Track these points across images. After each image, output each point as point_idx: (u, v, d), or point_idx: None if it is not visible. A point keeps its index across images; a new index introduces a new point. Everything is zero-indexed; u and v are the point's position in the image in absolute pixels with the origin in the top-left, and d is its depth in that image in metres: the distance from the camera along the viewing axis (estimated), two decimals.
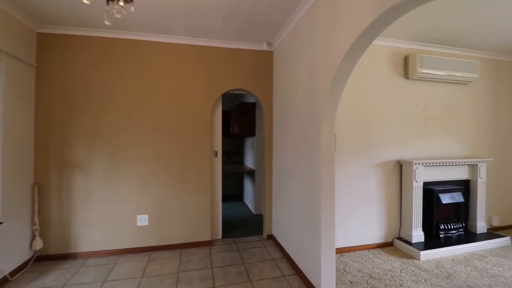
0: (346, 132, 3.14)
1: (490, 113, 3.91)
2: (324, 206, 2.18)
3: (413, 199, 3.21)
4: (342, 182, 3.12)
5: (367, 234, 3.24)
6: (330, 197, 2.20)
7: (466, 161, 3.46)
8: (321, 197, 2.18)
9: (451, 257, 3.02)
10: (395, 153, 3.37)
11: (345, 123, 3.14)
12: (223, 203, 5.23)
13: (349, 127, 3.16)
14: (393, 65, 3.37)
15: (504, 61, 3.97)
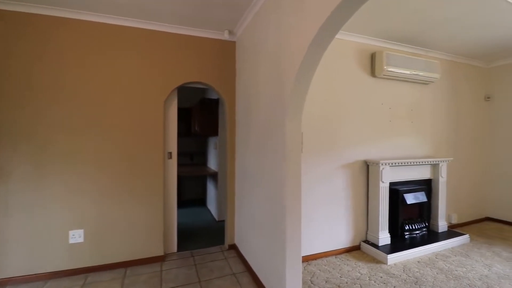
0: (311, 131, 2.92)
1: (449, 113, 4.00)
2: (289, 214, 1.91)
3: (380, 200, 3.10)
4: (308, 185, 2.90)
5: (334, 238, 3.06)
6: (296, 204, 1.93)
7: (429, 161, 3.46)
8: (286, 203, 1.90)
9: (417, 259, 2.95)
10: (362, 153, 3.24)
11: (311, 122, 2.92)
12: (183, 209, 4.84)
13: (314, 126, 2.95)
14: (360, 62, 3.25)
15: (461, 63, 4.10)
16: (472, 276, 2.58)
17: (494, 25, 2.90)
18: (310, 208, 2.91)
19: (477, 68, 4.31)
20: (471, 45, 3.52)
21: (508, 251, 3.15)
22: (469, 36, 3.22)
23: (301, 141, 2.03)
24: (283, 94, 1.97)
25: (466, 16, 2.70)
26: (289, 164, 1.91)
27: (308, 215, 2.89)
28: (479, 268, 2.73)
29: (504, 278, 2.54)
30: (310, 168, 2.91)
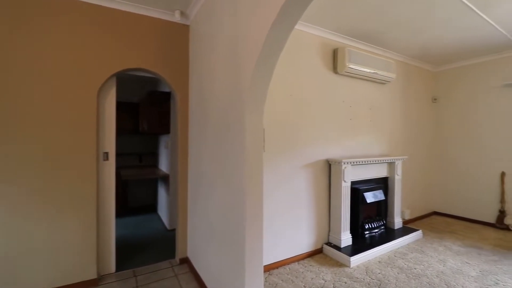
0: (274, 128, 2.68)
1: (402, 113, 4.13)
2: (250, 221, 1.61)
3: (342, 200, 3.00)
4: (270, 187, 2.65)
5: (297, 243, 2.86)
6: (257, 209, 1.65)
7: (387, 159, 3.49)
8: (246, 210, 1.61)
9: (378, 259, 2.91)
10: (324, 152, 3.11)
11: (272, 119, 2.68)
12: (130, 219, 4.21)
13: (276, 123, 2.71)
14: (323, 57, 3.12)
15: (413, 65, 4.27)
16: (430, 274, 2.59)
17: (443, 28, 2.99)
18: (271, 212, 2.66)
19: (426, 71, 4.55)
20: (422, 48, 3.66)
21: (457, 245, 3.30)
22: (421, 39, 3.31)
23: (263, 138, 1.75)
24: (242, 84, 1.67)
25: (419, 17, 2.72)
26: (249, 164, 1.61)
27: (269, 219, 2.64)
28: (435, 264, 2.77)
29: (458, 273, 2.60)
30: (271, 168, 2.66)
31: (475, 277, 2.52)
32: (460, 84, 4.38)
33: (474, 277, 2.51)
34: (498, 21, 2.84)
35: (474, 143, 4.21)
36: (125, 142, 4.77)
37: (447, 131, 4.55)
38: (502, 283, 2.40)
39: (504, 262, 2.82)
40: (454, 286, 2.37)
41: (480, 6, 2.54)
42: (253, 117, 1.64)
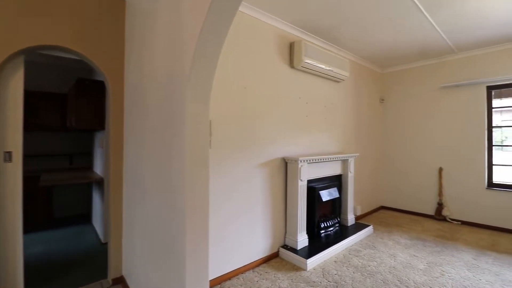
0: (226, 124, 2.41)
1: (354, 112, 4.22)
2: (191, 233, 1.32)
3: (299, 200, 2.87)
4: (220, 189, 2.37)
5: (252, 249, 2.63)
6: (201, 218, 1.36)
7: (341, 157, 3.48)
8: (187, 220, 1.31)
9: (334, 258, 2.84)
10: (280, 150, 2.95)
11: (224, 114, 2.41)
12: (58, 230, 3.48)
13: (229, 118, 2.44)
14: (280, 50, 2.95)
15: (364, 66, 4.40)
16: (383, 270, 2.59)
17: (390, 28, 3.07)
18: (225, 217, 2.38)
19: (376, 72, 4.75)
20: (371, 49, 3.75)
21: (404, 238, 3.44)
22: (370, 39, 3.37)
23: (210, 132, 1.47)
24: (183, 69, 1.36)
25: (369, 16, 2.73)
26: (190, 163, 1.31)
27: (222, 226, 2.36)
28: (387, 260, 2.80)
29: (408, 267, 2.65)
30: (226, 169, 2.38)
31: (423, 270, 2.59)
32: (403, 85, 4.66)
33: (422, 270, 2.58)
34: (441, 25, 3.00)
35: (416, 141, 4.51)
36: (50, 140, 4.01)
37: (393, 130, 4.82)
38: (447, 274, 2.50)
39: (446, 252, 2.98)
40: (406, 281, 2.39)
41: (426, 6, 2.62)
42: (196, 107, 1.35)
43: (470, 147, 3.92)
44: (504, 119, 4.38)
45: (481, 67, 3.81)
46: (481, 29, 3.09)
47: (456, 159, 4.06)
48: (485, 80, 3.76)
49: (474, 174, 3.89)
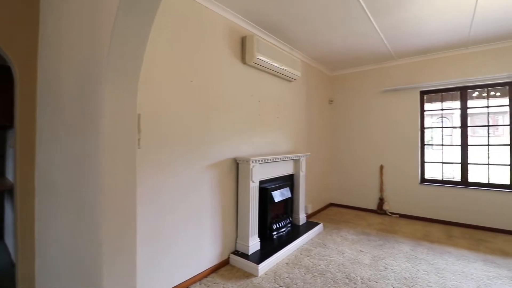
0: (168, 121, 2.14)
1: (305, 112, 4.27)
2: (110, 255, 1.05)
3: (250, 202, 2.73)
4: (162, 195, 2.09)
5: (199, 259, 2.41)
6: (128, 235, 1.11)
7: (293, 156, 3.46)
8: (103, 235, 1.04)
9: (286, 260, 2.78)
10: (231, 150, 2.77)
11: (165, 109, 2.14)
12: None
13: (172, 114, 2.18)
14: (231, 44, 2.77)
15: (314, 67, 4.49)
16: (333, 268, 2.61)
17: (338, 30, 3.14)
18: (168, 228, 2.11)
19: (325, 74, 4.90)
20: (322, 51, 3.83)
21: (351, 233, 3.57)
22: (321, 41, 3.42)
23: (138, 128, 1.22)
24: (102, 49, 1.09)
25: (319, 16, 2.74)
26: (110, 165, 1.05)
27: (164, 237, 2.08)
28: (336, 257, 2.84)
29: (355, 263, 2.72)
30: (167, 172, 2.11)
31: (368, 264, 2.68)
32: (349, 88, 4.90)
33: (368, 265, 2.67)
34: (384, 31, 3.17)
35: (360, 141, 4.78)
36: None
37: (340, 130, 5.04)
38: (390, 267, 2.63)
39: (387, 245, 3.17)
40: (353, 278, 2.43)
41: (373, 12, 2.72)
42: (117, 97, 1.09)
43: (406, 146, 4.29)
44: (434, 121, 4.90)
45: (415, 73, 4.19)
46: (417, 37, 3.36)
47: (394, 158, 4.40)
48: (418, 85, 4.14)
49: (409, 171, 4.26)
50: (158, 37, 2.03)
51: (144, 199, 1.89)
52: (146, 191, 1.92)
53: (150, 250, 1.96)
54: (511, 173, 3.57)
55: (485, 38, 3.39)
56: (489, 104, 3.79)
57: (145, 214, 1.91)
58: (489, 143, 3.78)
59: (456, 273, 2.49)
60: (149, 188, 1.94)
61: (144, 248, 1.91)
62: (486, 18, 2.85)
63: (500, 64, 3.52)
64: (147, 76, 1.93)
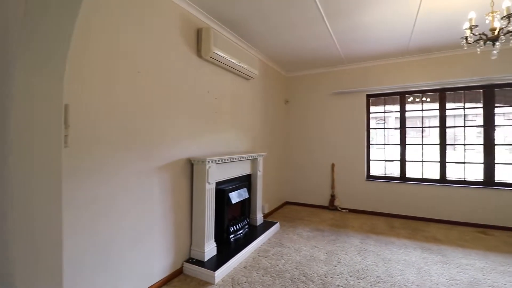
0: (110, 116, 1.86)
1: (262, 111, 4.25)
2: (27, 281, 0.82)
3: (206, 205, 2.57)
4: (99, 202, 1.81)
5: (148, 271, 2.16)
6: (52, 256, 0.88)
7: (251, 156, 3.39)
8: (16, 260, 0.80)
9: (243, 264, 2.69)
10: (185, 150, 2.57)
11: (106, 101, 1.85)
12: None
13: (116, 108, 1.90)
14: (185, 35, 2.56)
15: (271, 67, 4.49)
16: (290, 267, 2.60)
17: (295, 33, 3.18)
18: (110, 239, 1.82)
19: (281, 74, 4.96)
20: (279, 51, 3.84)
21: (306, 230, 3.65)
22: (278, 40, 3.42)
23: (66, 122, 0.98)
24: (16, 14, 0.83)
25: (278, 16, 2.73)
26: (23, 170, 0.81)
27: (107, 249, 1.80)
28: (293, 256, 2.86)
29: (311, 260, 2.76)
30: (107, 175, 1.83)
31: (324, 260, 2.75)
32: (304, 89, 5.05)
33: (323, 261, 2.73)
34: (337, 35, 3.30)
35: (314, 141, 4.96)
36: None
37: (295, 130, 5.16)
38: (343, 261, 2.73)
39: (340, 240, 3.31)
40: (310, 275, 2.46)
41: (329, 15, 2.79)
42: (35, 80, 0.85)
43: (355, 145, 4.58)
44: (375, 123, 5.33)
45: (363, 78, 4.50)
46: (365, 43, 3.59)
47: (344, 156, 4.67)
48: (365, 89, 4.45)
49: (357, 169, 4.56)
50: (99, 18, 1.74)
51: (74, 206, 1.60)
52: (77, 197, 1.62)
53: (83, 267, 1.67)
54: (440, 169, 4.07)
55: (421, 49, 3.80)
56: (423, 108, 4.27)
57: (76, 225, 1.62)
58: (423, 143, 4.26)
59: (400, 262, 2.71)
60: (81, 193, 1.65)
61: (75, 265, 1.62)
62: (423, 32, 3.17)
63: (432, 73, 3.98)
64: (83, 62, 1.63)
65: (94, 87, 1.72)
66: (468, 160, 3.98)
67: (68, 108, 1.09)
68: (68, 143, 1.32)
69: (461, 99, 4.05)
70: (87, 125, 1.66)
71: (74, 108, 1.50)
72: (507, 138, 4.39)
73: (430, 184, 4.05)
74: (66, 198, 1.40)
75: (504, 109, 3.93)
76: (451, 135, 4.61)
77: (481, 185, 3.79)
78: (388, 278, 2.40)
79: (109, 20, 1.83)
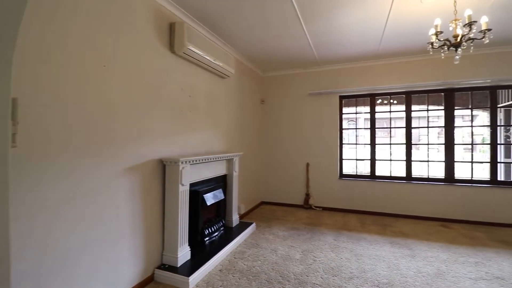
0: (70, 113, 1.69)
1: (238, 110, 4.19)
2: None
3: (179, 208, 2.45)
4: (54, 209, 1.64)
5: (114, 281, 2.00)
6: None
7: (226, 156, 3.32)
8: None
9: (219, 267, 2.61)
10: (157, 150, 2.43)
11: (68, 96, 1.69)
12: None
13: (76, 104, 1.74)
14: (158, 30, 2.43)
15: (247, 66, 4.45)
16: (267, 268, 2.58)
17: (272, 33, 3.17)
18: (67, 248, 1.66)
19: (257, 74, 4.93)
20: (255, 50, 3.81)
21: (282, 230, 3.66)
22: (255, 39, 3.39)
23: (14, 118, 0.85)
24: None
25: (255, 14, 2.69)
26: None
27: (66, 260, 1.63)
28: (269, 256, 2.84)
29: (287, 259, 2.76)
30: (69, 178, 1.66)
31: (299, 259, 2.76)
32: (280, 90, 5.07)
33: (299, 260, 2.75)
34: (312, 37, 3.34)
35: (290, 140, 5.00)
36: None
37: (271, 130, 5.17)
38: (318, 259, 2.77)
39: (315, 238, 3.36)
40: (286, 275, 2.45)
41: (305, 17, 2.81)
42: None
43: (329, 145, 4.69)
44: (346, 123, 5.52)
45: (336, 79, 4.62)
46: (338, 46, 3.68)
47: (318, 156, 4.76)
48: (338, 90, 4.58)
49: (331, 168, 4.68)
50: (54, 4, 1.57)
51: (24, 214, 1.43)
52: (26, 203, 1.45)
53: (37, 279, 1.50)
54: (406, 167, 4.30)
55: (390, 53, 3.98)
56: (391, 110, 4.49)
57: (27, 233, 1.45)
58: (391, 143, 4.48)
59: (371, 257, 2.81)
60: (32, 198, 1.47)
61: (27, 277, 1.44)
62: (392, 37, 3.32)
63: (400, 76, 4.20)
64: (36, 50, 1.46)
65: (50, 80, 1.55)
66: (431, 159, 4.26)
67: (17, 102, 0.94)
68: (17, 142, 1.15)
69: (425, 102, 4.31)
70: (40, 122, 1.49)
71: (25, 103, 1.33)
72: (465, 138, 4.77)
73: (398, 182, 4.27)
74: (14, 203, 1.24)
75: (462, 112, 4.26)
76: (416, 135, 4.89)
77: (442, 182, 4.07)
78: (361, 273, 2.47)
79: (66, 8, 1.66)
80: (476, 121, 9.06)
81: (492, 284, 2.29)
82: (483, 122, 8.11)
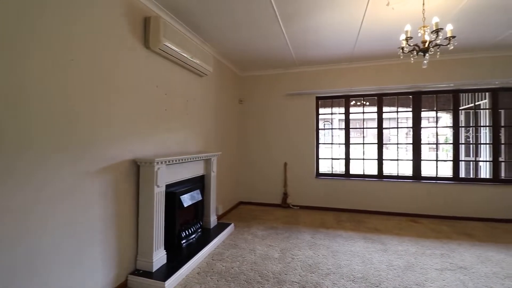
0: (31, 109, 1.56)
1: (216, 110, 4.13)
2: None
3: (155, 211, 2.36)
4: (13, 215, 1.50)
5: None
6: None
7: (204, 156, 3.25)
8: None
9: (197, 270, 2.55)
10: (130, 149, 2.32)
11: (30, 92, 1.55)
12: None
13: (39, 100, 1.60)
14: (131, 24, 2.32)
15: (226, 65, 4.40)
16: (246, 268, 2.56)
17: (251, 31, 3.16)
18: (29, 257, 1.52)
19: (235, 73, 4.90)
20: (233, 48, 3.77)
21: (261, 229, 3.66)
22: (234, 38, 3.36)
23: None
24: None
25: (234, 12, 2.66)
26: None
27: (28, 270, 1.49)
28: (248, 256, 2.82)
29: (266, 259, 2.77)
30: (33, 180, 1.52)
31: (278, 258, 2.78)
32: (258, 90, 5.08)
33: (277, 259, 2.76)
34: (290, 37, 3.38)
35: (268, 140, 5.03)
36: None
37: (249, 130, 5.16)
38: (296, 257, 2.80)
39: (293, 236, 3.40)
40: (265, 274, 2.45)
41: (283, 17, 2.83)
42: None
43: (306, 145, 4.78)
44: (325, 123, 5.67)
45: (313, 80, 4.71)
46: (316, 47, 3.76)
47: (296, 155, 4.84)
48: (315, 91, 4.68)
49: (307, 167, 4.77)
50: None
51: None
52: None
53: None
54: (378, 166, 4.50)
55: (364, 56, 4.14)
56: (364, 111, 4.67)
57: None
58: (364, 142, 4.67)
59: (347, 253, 2.90)
60: None
61: None
62: (365, 40, 3.45)
63: (372, 79, 4.38)
64: None
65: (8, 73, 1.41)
66: (400, 158, 4.50)
67: None
68: None
69: (395, 104, 4.55)
70: (11, 122, 1.35)
71: None
72: (429, 138, 5.10)
73: (370, 180, 4.46)
74: None
75: (428, 113, 4.55)
76: (386, 135, 5.14)
77: (411, 179, 4.31)
78: (337, 269, 2.54)
79: None
80: (440, 122, 9.75)
81: (456, 273, 2.46)
82: (446, 123, 8.74)
